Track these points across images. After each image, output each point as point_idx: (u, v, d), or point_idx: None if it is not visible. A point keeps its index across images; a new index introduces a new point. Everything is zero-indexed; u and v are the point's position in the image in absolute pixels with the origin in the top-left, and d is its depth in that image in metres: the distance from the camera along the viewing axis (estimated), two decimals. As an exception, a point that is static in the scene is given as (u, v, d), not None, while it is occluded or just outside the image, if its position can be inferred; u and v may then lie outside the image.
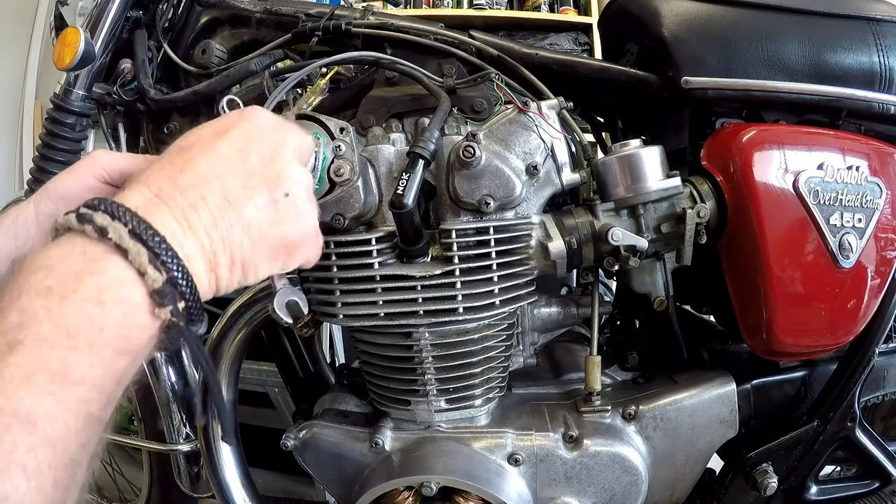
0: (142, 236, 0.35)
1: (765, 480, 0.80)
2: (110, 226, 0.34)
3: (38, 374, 0.30)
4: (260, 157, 0.42)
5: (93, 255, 0.34)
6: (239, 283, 0.42)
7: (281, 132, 0.45)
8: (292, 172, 0.44)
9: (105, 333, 0.33)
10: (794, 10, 0.80)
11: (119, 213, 0.35)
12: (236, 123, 0.44)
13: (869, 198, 0.76)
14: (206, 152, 0.41)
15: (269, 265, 0.43)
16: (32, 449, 0.29)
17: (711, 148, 0.77)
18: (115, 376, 0.34)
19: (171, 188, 0.38)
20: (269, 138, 0.44)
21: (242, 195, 0.40)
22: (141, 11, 0.90)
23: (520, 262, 0.70)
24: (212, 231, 0.39)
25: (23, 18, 2.49)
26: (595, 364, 0.75)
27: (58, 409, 0.31)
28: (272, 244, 0.43)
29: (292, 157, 0.45)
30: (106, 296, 0.33)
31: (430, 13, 2.41)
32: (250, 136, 0.43)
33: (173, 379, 0.99)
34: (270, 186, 0.42)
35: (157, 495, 1.12)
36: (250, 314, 0.81)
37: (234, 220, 0.40)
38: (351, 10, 0.85)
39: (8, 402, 0.29)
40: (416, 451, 0.74)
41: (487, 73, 0.74)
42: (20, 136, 2.46)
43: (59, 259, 0.34)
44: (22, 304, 0.32)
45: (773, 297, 0.73)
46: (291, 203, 0.43)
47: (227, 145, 0.42)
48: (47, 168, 0.87)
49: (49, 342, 0.31)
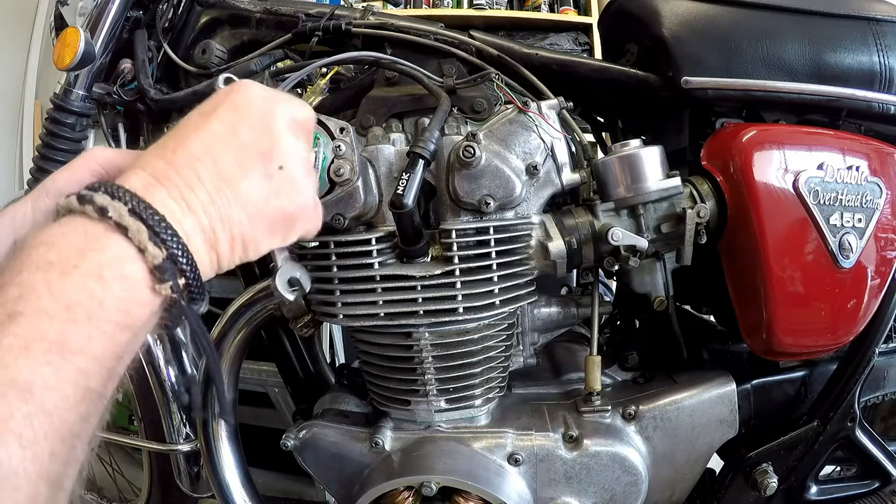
0: (141, 215, 0.35)
1: (765, 480, 0.80)
2: (110, 205, 0.35)
3: (36, 344, 0.30)
4: (251, 129, 0.42)
5: (94, 233, 0.34)
6: (240, 260, 0.42)
7: (272, 102, 0.44)
8: (285, 144, 0.43)
9: (105, 307, 0.33)
10: (794, 10, 0.80)
11: (119, 193, 0.35)
12: (226, 99, 0.43)
13: (869, 198, 0.76)
14: (198, 130, 0.41)
15: (268, 239, 0.44)
16: (28, 417, 0.29)
17: (711, 148, 0.77)
18: (115, 351, 0.34)
19: (166, 169, 0.38)
20: (259, 110, 0.43)
21: (237, 171, 0.41)
22: (141, 11, 0.90)
23: (520, 262, 0.70)
24: (210, 209, 0.39)
25: (23, 18, 2.49)
26: (595, 364, 0.75)
27: (56, 378, 0.31)
28: (270, 218, 0.43)
29: (285, 129, 0.44)
30: (106, 271, 0.34)
31: (430, 13, 2.41)
32: (240, 110, 0.43)
33: (173, 379, 0.99)
34: (264, 160, 0.42)
35: (157, 495, 1.12)
36: (250, 314, 0.81)
37: (230, 197, 0.40)
38: (351, 10, 0.85)
39: (5, 371, 0.29)
40: (416, 451, 0.74)
41: (487, 73, 0.74)
42: (20, 136, 2.45)
43: (60, 236, 0.34)
44: (22, 278, 0.32)
45: (773, 297, 0.73)
46: (286, 176, 0.43)
47: (217, 122, 0.42)
48: (47, 168, 0.87)
49: (49, 314, 0.31)
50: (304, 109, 0.47)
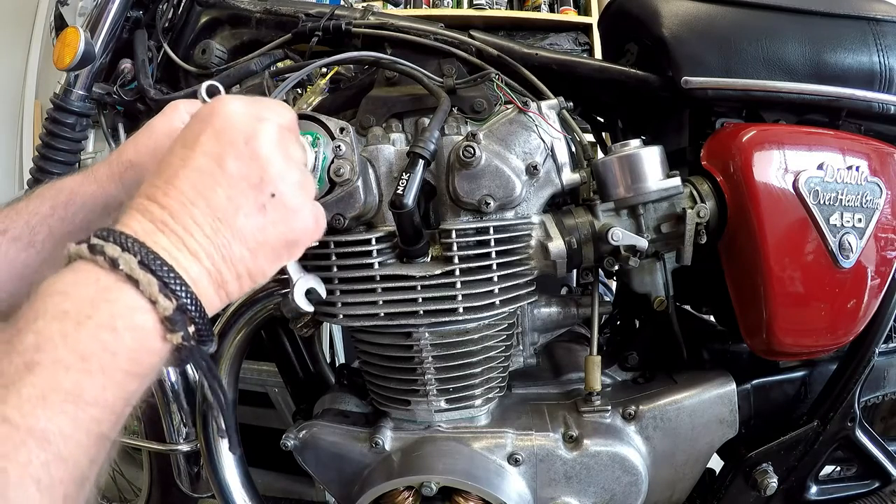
0: (151, 266, 0.36)
1: (765, 480, 0.80)
2: (121, 257, 0.36)
3: (53, 394, 0.32)
4: (237, 159, 0.41)
5: (105, 284, 0.36)
6: (250, 288, 0.43)
7: (253, 120, 0.43)
8: (273, 169, 0.42)
9: (118, 358, 0.35)
10: (794, 10, 0.80)
11: (128, 244, 0.36)
12: (207, 126, 0.42)
13: (869, 198, 0.76)
14: (185, 167, 0.41)
15: (274, 265, 0.44)
16: (46, 464, 0.31)
17: (711, 148, 0.77)
18: (125, 397, 0.36)
19: (161, 214, 0.39)
20: (243, 133, 0.42)
21: (230, 207, 0.40)
22: (141, 11, 0.90)
23: (520, 262, 0.70)
24: (211, 252, 0.40)
25: (23, 18, 2.49)
26: (595, 364, 0.75)
27: (72, 427, 0.32)
28: (272, 247, 0.43)
29: (272, 149, 0.43)
30: (119, 322, 0.35)
31: (430, 13, 2.41)
32: (222, 138, 0.41)
33: (173, 379, 0.99)
34: (255, 191, 0.41)
35: (157, 495, 1.12)
36: (250, 314, 0.81)
37: (229, 237, 0.40)
38: (351, 10, 0.85)
39: (24, 419, 0.31)
40: (416, 451, 0.74)
41: (487, 73, 0.74)
42: (20, 136, 2.45)
43: (73, 285, 0.35)
44: (38, 326, 0.33)
45: (773, 297, 0.73)
46: (280, 203, 0.43)
47: (202, 157, 0.41)
48: (47, 168, 0.87)
49: (65, 364, 0.33)
50: (284, 112, 0.46)
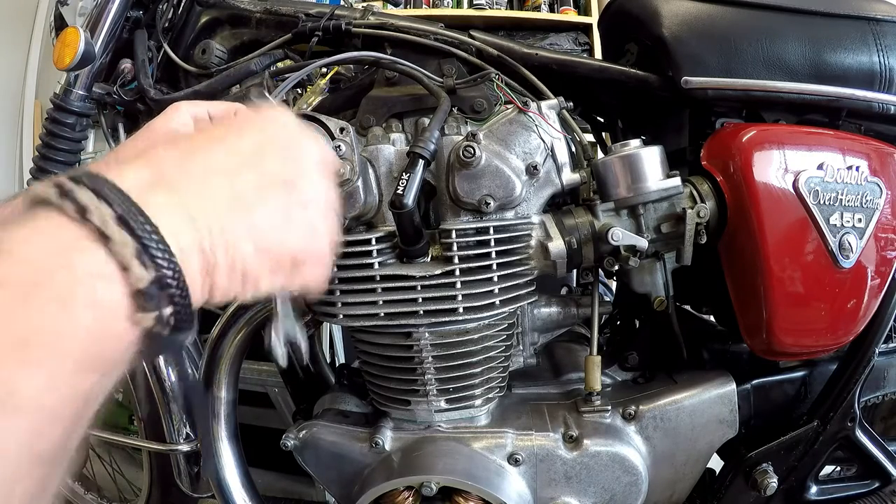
0: (130, 223, 0.28)
1: (765, 480, 0.80)
2: (94, 206, 0.27)
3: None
4: (280, 160, 0.39)
5: (67, 240, 0.27)
6: (234, 295, 0.36)
7: (302, 136, 0.42)
8: (310, 183, 0.40)
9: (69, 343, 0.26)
10: (794, 10, 0.80)
11: (106, 191, 0.28)
12: (259, 121, 0.40)
13: (869, 198, 0.75)
14: (224, 143, 0.37)
15: (270, 278, 0.38)
16: None
17: (711, 148, 0.77)
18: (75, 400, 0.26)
19: (176, 171, 0.33)
20: (290, 140, 0.40)
21: (255, 196, 0.36)
22: (141, 11, 0.90)
23: (520, 262, 0.70)
24: (214, 227, 0.32)
25: (23, 18, 2.49)
26: (595, 364, 0.75)
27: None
28: (277, 256, 0.37)
29: (313, 166, 0.41)
30: (77, 292, 0.26)
31: (430, 13, 2.41)
32: (272, 137, 0.39)
33: (173, 379, 0.99)
34: (286, 192, 0.38)
35: (157, 495, 1.12)
36: (250, 314, 0.81)
37: (241, 222, 0.34)
38: (351, 10, 0.85)
39: None
40: (416, 451, 0.74)
41: (487, 73, 0.74)
42: (20, 136, 2.46)
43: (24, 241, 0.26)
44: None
45: (773, 297, 0.73)
46: (305, 217, 0.39)
47: (246, 141, 0.38)
48: (47, 168, 0.87)
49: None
50: (330, 153, 0.45)
